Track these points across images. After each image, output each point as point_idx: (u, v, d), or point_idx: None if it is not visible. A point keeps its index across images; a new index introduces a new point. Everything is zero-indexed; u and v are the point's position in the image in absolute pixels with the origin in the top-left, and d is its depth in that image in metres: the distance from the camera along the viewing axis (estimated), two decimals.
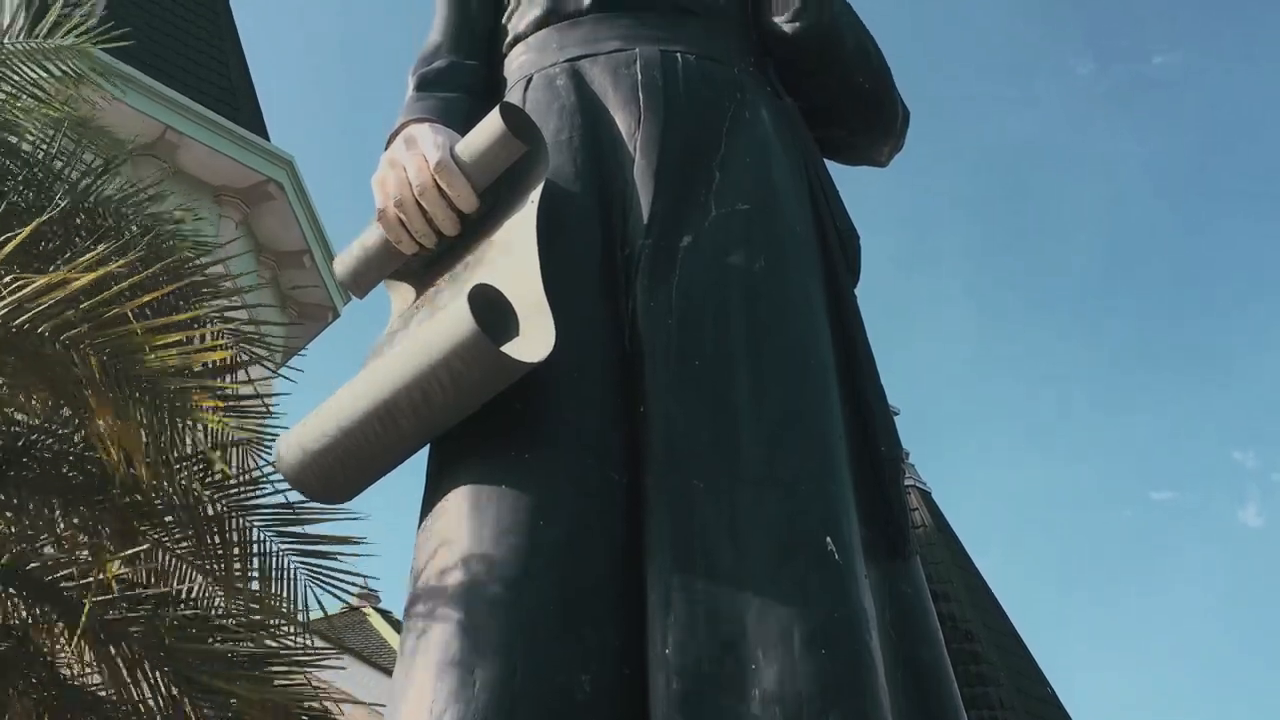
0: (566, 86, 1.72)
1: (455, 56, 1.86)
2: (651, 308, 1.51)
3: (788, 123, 1.78)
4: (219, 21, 13.25)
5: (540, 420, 1.41)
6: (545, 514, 1.35)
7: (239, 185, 11.33)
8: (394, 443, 1.41)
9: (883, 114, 1.92)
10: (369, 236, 1.65)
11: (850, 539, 1.36)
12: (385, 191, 1.61)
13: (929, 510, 13.56)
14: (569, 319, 1.43)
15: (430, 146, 1.59)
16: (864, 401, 1.59)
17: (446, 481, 1.42)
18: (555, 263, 1.48)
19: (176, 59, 11.97)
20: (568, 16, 1.81)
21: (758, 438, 1.40)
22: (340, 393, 1.43)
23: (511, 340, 1.38)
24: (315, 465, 1.42)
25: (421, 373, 1.34)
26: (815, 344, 1.54)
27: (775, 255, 1.57)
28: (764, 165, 1.66)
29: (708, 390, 1.43)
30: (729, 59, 1.78)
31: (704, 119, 1.68)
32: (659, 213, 1.57)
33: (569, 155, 1.63)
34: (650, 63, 1.72)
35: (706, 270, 1.53)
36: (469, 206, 1.57)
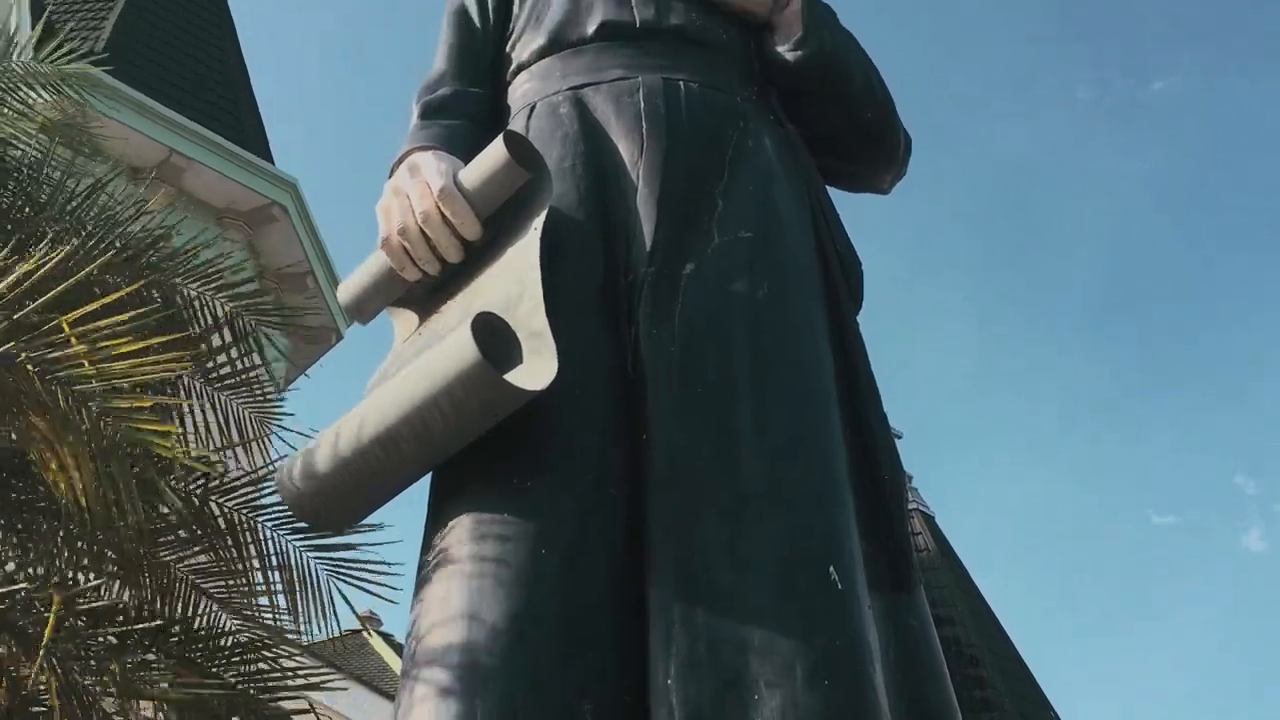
0: (570, 114, 1.73)
1: (460, 84, 1.87)
2: (654, 335, 1.51)
3: (790, 150, 1.79)
4: (225, 45, 13.33)
5: (542, 447, 1.42)
6: (547, 541, 1.35)
7: (243, 207, 11.37)
8: (396, 470, 1.41)
9: (885, 142, 1.92)
10: (373, 263, 1.66)
11: (853, 567, 1.36)
12: (389, 219, 1.61)
13: (932, 534, 13.53)
14: (572, 346, 1.43)
15: (434, 174, 1.60)
16: (867, 428, 1.59)
17: (449, 509, 1.42)
18: (558, 290, 1.49)
19: (182, 83, 12.04)
20: (571, 45, 1.82)
21: (760, 464, 1.40)
22: (343, 420, 1.43)
23: (514, 368, 1.38)
24: (317, 492, 1.42)
25: (424, 400, 1.35)
26: (818, 370, 1.54)
27: (778, 282, 1.57)
28: (767, 193, 1.67)
29: (710, 416, 1.43)
30: (732, 88, 1.79)
31: (707, 147, 1.68)
32: (662, 240, 1.58)
33: (572, 183, 1.64)
34: (653, 91, 1.73)
35: (709, 297, 1.54)
36: (472, 234, 1.57)
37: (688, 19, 1.84)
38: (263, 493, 4.96)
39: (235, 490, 4.89)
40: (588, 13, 1.85)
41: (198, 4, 13.55)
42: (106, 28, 12.09)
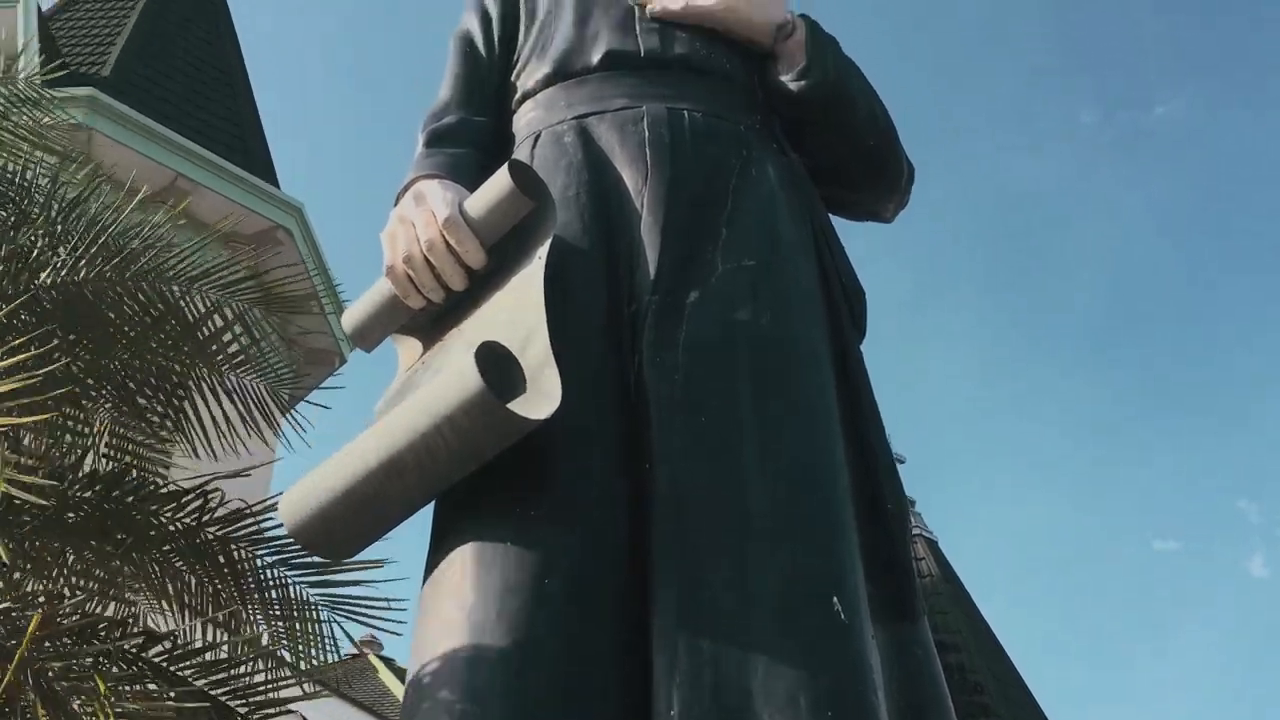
0: (574, 143, 1.74)
1: (465, 113, 1.88)
2: (658, 363, 1.51)
3: (793, 179, 1.79)
4: (231, 69, 13.41)
5: (545, 476, 1.41)
6: (549, 571, 1.35)
7: (248, 231, 11.41)
8: (398, 499, 1.41)
9: (888, 171, 1.93)
10: (377, 291, 1.66)
11: (857, 599, 1.36)
12: (394, 247, 1.62)
13: (935, 559, 13.49)
14: (575, 375, 1.43)
15: (439, 203, 1.61)
16: (870, 457, 1.59)
17: (451, 538, 1.42)
18: (562, 319, 1.49)
19: (188, 106, 12.11)
20: (575, 75, 1.83)
21: (764, 494, 1.40)
22: (345, 448, 1.43)
23: (518, 397, 1.38)
24: (318, 520, 1.42)
25: (427, 429, 1.35)
26: (822, 399, 1.54)
27: (781, 310, 1.57)
28: (770, 222, 1.67)
29: (714, 445, 1.43)
30: (735, 117, 1.80)
31: (710, 175, 1.69)
32: (666, 268, 1.58)
33: (576, 211, 1.65)
34: (657, 120, 1.74)
35: (713, 326, 1.54)
36: (477, 262, 1.58)
37: (692, 48, 1.86)
38: (262, 524, 4.94)
39: (232, 521, 4.87)
40: (592, 42, 1.87)
41: (205, 28, 13.64)
42: (114, 52, 12.17)
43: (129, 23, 12.81)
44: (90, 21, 13.00)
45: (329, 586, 4.94)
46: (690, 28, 1.89)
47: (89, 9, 13.26)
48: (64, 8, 13.31)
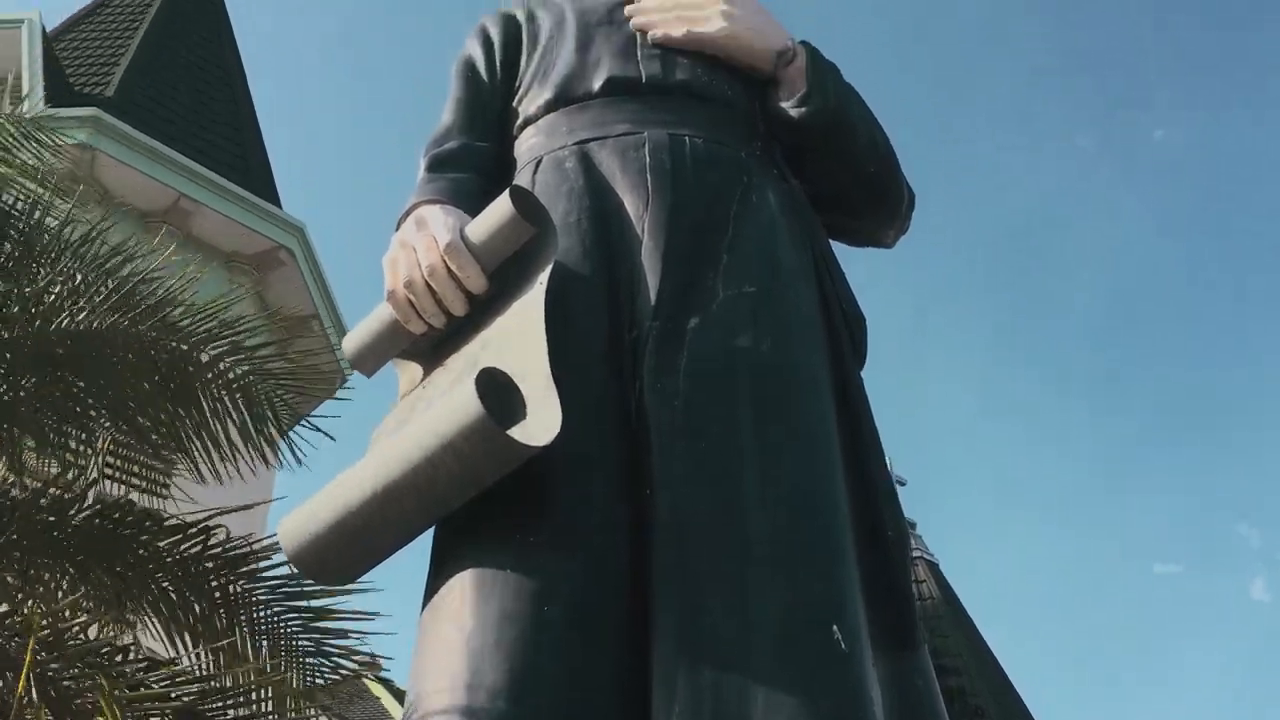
0: (575, 169, 1.74)
1: (467, 138, 1.89)
2: (658, 389, 1.51)
3: (794, 206, 1.80)
4: (234, 90, 13.47)
5: (545, 503, 1.41)
6: (549, 598, 1.34)
7: (250, 251, 11.44)
8: (397, 525, 1.41)
9: (888, 198, 1.93)
10: (378, 316, 1.67)
11: (857, 628, 1.35)
12: (395, 272, 1.63)
13: (936, 582, 13.44)
14: (576, 401, 1.43)
15: (440, 228, 1.61)
16: (870, 484, 1.58)
17: (450, 564, 1.42)
18: (563, 344, 1.49)
19: (192, 127, 12.16)
20: (577, 100, 1.84)
21: (764, 521, 1.39)
22: (344, 474, 1.43)
23: (518, 423, 1.38)
24: (317, 546, 1.42)
25: (426, 456, 1.35)
26: (822, 426, 1.54)
27: (782, 337, 1.57)
28: (771, 248, 1.68)
29: (714, 473, 1.43)
30: (736, 143, 1.80)
31: (711, 202, 1.70)
32: (666, 294, 1.59)
33: (577, 237, 1.65)
34: (658, 146, 1.74)
35: (713, 352, 1.54)
36: (478, 288, 1.58)
37: (693, 75, 1.86)
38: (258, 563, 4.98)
39: (229, 558, 4.92)
40: (594, 68, 1.87)
41: (208, 48, 13.72)
42: (118, 73, 12.22)
43: (133, 43, 12.88)
44: (94, 42, 13.07)
45: (323, 620, 4.98)
46: (691, 54, 1.89)
47: (93, 29, 13.34)
48: (69, 28, 13.38)
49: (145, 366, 5.05)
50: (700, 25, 1.89)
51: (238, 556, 4.89)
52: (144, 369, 5.06)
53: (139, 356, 5.06)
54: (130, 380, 5.03)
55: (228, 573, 4.86)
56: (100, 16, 13.61)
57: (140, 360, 5.04)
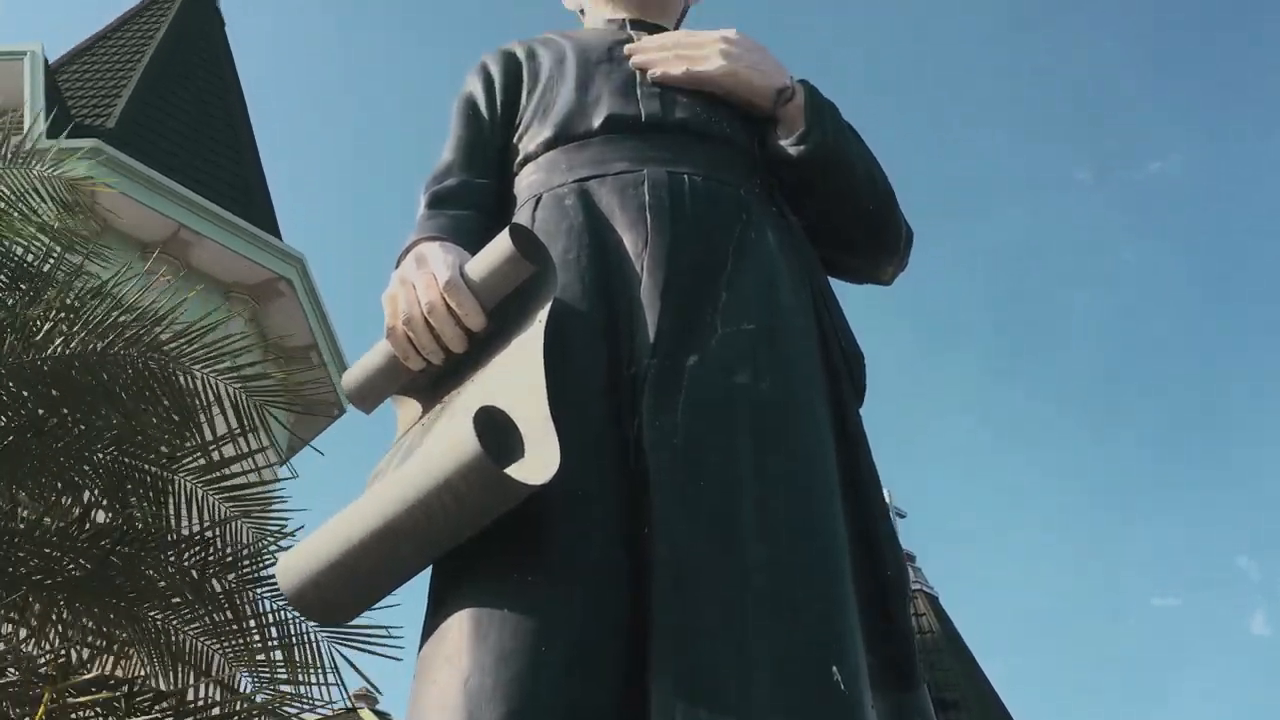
0: (575, 206, 1.75)
1: (467, 175, 1.90)
2: (657, 427, 1.51)
3: (792, 242, 1.80)
4: (235, 120, 13.54)
5: (543, 542, 1.41)
6: (547, 637, 1.33)
7: (249, 282, 11.46)
8: (395, 564, 1.40)
9: (887, 235, 1.94)
10: (377, 352, 1.67)
11: (857, 668, 1.35)
12: (394, 309, 1.63)
13: (936, 615, 13.38)
14: (574, 439, 1.43)
15: (440, 265, 1.62)
16: (870, 524, 1.58)
17: (448, 603, 1.41)
18: (561, 382, 1.49)
19: (192, 158, 12.21)
20: (577, 138, 1.85)
21: (763, 562, 1.39)
22: (342, 513, 1.42)
23: (516, 462, 1.38)
24: (316, 586, 1.41)
25: (424, 494, 1.34)
26: (821, 464, 1.53)
27: (781, 374, 1.57)
28: (770, 285, 1.68)
29: (713, 511, 1.43)
30: (735, 180, 1.81)
31: (710, 239, 1.70)
32: (665, 332, 1.59)
33: (576, 274, 1.65)
34: (658, 183, 1.75)
35: (712, 389, 1.54)
36: (477, 325, 1.59)
37: (692, 113, 1.87)
38: (261, 566, 5.00)
39: (234, 564, 4.92)
40: (594, 106, 1.88)
41: (210, 80, 13.79)
42: (119, 104, 12.28)
43: (135, 74, 12.95)
44: (97, 73, 13.14)
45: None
46: (691, 92, 1.91)
47: (96, 61, 13.41)
48: (71, 60, 13.46)
49: (138, 389, 5.08)
50: (699, 64, 1.91)
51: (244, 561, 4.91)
52: (137, 392, 5.09)
53: (134, 380, 5.09)
54: (125, 403, 5.05)
55: (234, 578, 4.87)
56: (103, 48, 13.69)
57: (135, 383, 5.06)
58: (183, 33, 14.16)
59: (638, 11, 2.18)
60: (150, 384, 5.14)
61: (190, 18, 14.53)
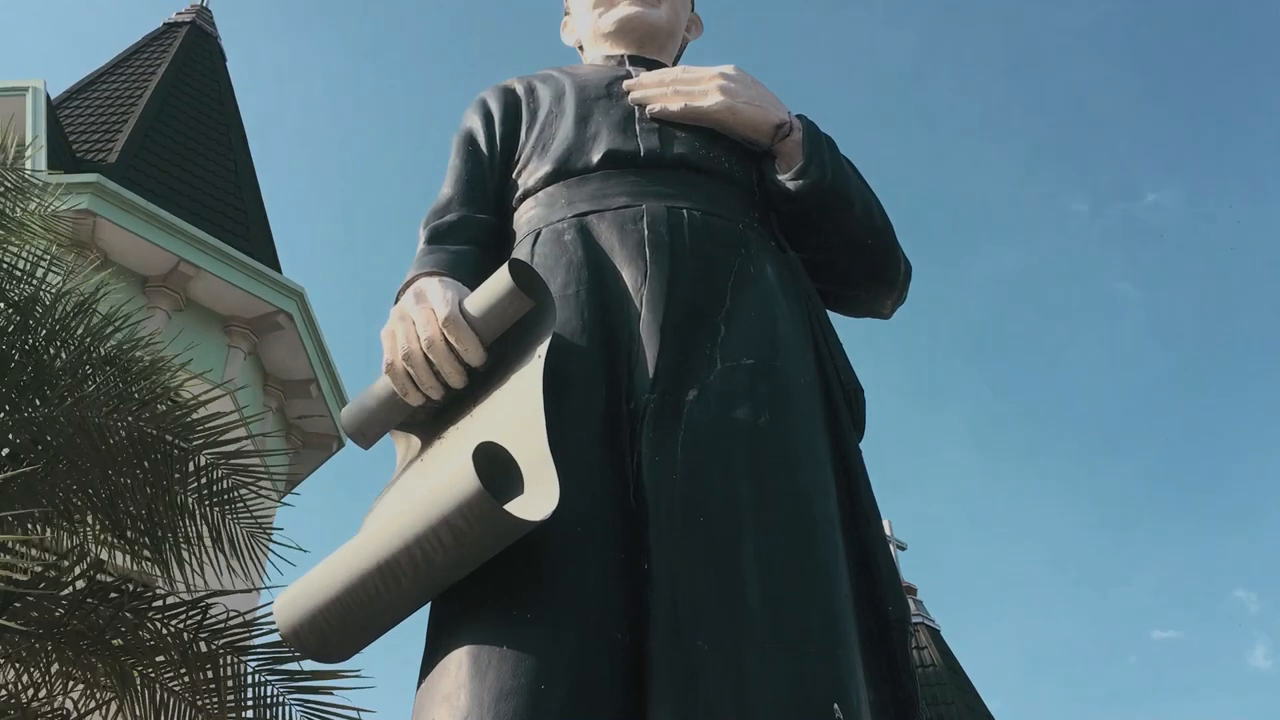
0: (574, 241, 1.75)
1: (466, 210, 1.90)
2: (657, 462, 1.50)
3: (791, 276, 1.80)
4: (236, 154, 13.58)
5: (543, 579, 1.39)
6: (547, 676, 1.32)
7: (249, 315, 11.46)
8: (394, 601, 1.39)
9: (886, 269, 1.94)
10: (376, 388, 1.66)
11: (859, 705, 1.33)
12: (394, 344, 1.63)
13: (938, 648, 13.29)
14: (574, 475, 1.42)
15: (439, 301, 1.61)
16: (870, 557, 1.57)
17: (447, 640, 1.40)
18: (561, 417, 1.49)
19: (192, 191, 12.24)
20: (576, 173, 1.86)
21: (764, 599, 1.38)
22: (340, 550, 1.41)
23: (515, 498, 1.37)
24: (313, 624, 1.40)
25: (423, 531, 1.33)
26: (821, 499, 1.53)
27: (780, 409, 1.57)
28: (769, 319, 1.68)
29: (713, 548, 1.42)
30: (734, 215, 1.81)
31: (709, 273, 1.70)
32: (664, 367, 1.58)
33: (575, 309, 1.65)
34: (657, 218, 1.75)
35: (712, 424, 1.53)
36: (476, 360, 1.58)
37: (691, 148, 1.88)
38: (253, 634, 5.05)
39: (224, 630, 4.96)
40: (593, 142, 1.89)
41: (212, 115, 13.85)
42: (121, 139, 12.33)
43: (136, 110, 13.01)
44: (98, 108, 13.19)
45: (308, 693, 5.05)
46: (689, 127, 1.91)
47: (97, 96, 13.48)
48: (73, 95, 13.52)
49: (129, 458, 5.13)
50: (698, 99, 1.91)
51: (230, 630, 4.92)
52: (128, 461, 5.14)
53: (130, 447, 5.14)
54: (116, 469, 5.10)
55: (222, 647, 4.88)
56: (105, 84, 13.77)
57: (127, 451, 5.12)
58: (184, 69, 14.24)
59: (636, 48, 2.19)
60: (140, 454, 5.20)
61: (192, 54, 14.62)
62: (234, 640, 4.95)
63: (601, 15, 2.23)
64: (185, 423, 5.31)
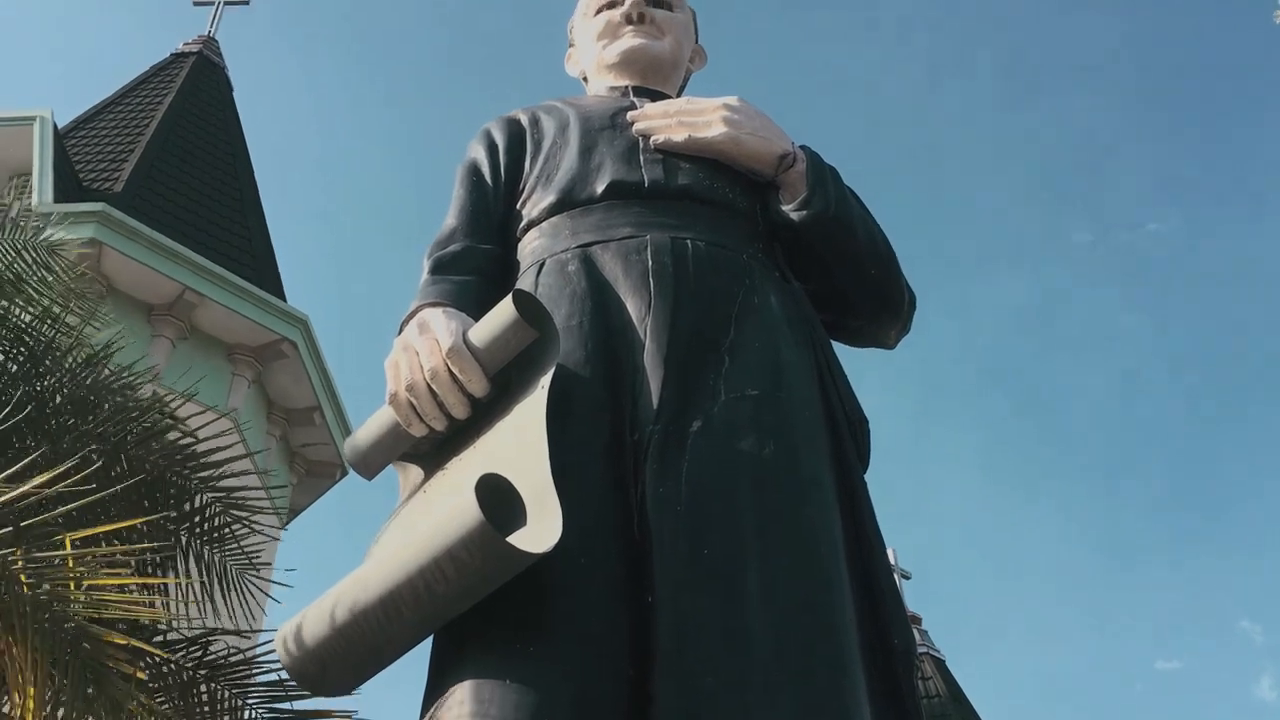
0: (578, 272, 1.75)
1: (471, 240, 1.90)
2: (660, 494, 1.49)
3: (795, 307, 1.80)
4: (241, 183, 13.64)
5: (546, 612, 1.39)
6: (550, 711, 1.31)
7: (253, 343, 11.47)
8: (397, 634, 1.38)
9: (890, 299, 1.94)
10: (379, 419, 1.66)
11: None
12: (397, 375, 1.62)
13: (943, 678, 13.20)
14: (577, 506, 1.41)
15: (443, 331, 1.61)
16: (875, 588, 1.56)
17: (450, 673, 1.39)
18: (565, 448, 1.48)
19: (197, 220, 12.28)
20: (580, 204, 1.86)
21: (768, 632, 1.37)
22: (343, 582, 1.40)
23: (518, 529, 1.36)
24: (316, 656, 1.39)
25: (425, 563, 1.33)
26: (826, 531, 1.52)
27: (784, 440, 1.56)
28: (773, 350, 1.67)
29: (718, 581, 1.41)
30: (738, 245, 1.81)
31: (713, 304, 1.70)
32: (668, 398, 1.58)
33: (579, 340, 1.65)
34: (661, 249, 1.75)
35: (716, 456, 1.53)
36: (480, 391, 1.58)
37: (695, 179, 1.88)
38: (253, 674, 5.05)
39: (226, 667, 4.96)
40: (597, 172, 1.89)
41: (218, 145, 13.92)
42: (127, 169, 12.39)
43: (143, 139, 13.07)
44: (105, 138, 13.27)
45: None
46: (693, 158, 1.92)
47: (104, 126, 13.55)
48: (80, 124, 13.60)
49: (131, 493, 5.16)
50: (702, 130, 1.92)
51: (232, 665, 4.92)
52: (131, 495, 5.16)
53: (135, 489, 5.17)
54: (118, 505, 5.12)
55: (221, 683, 4.88)
56: (112, 113, 13.85)
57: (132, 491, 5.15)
58: (191, 99, 14.32)
59: (640, 79, 2.20)
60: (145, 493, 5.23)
61: (198, 84, 14.71)
62: (234, 677, 4.93)
63: (606, 47, 2.24)
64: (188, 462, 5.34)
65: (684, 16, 2.33)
